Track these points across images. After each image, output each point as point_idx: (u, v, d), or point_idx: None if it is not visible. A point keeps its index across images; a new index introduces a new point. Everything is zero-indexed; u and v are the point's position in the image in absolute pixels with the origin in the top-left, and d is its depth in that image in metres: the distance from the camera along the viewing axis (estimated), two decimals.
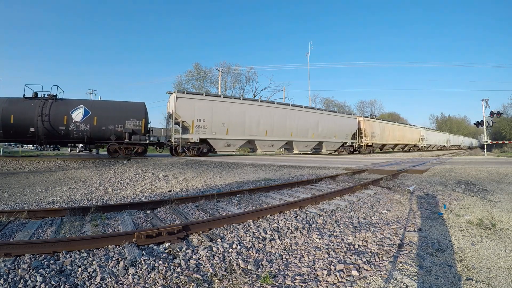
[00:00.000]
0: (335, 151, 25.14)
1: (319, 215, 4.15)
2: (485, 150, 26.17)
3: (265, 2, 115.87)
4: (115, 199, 5.86)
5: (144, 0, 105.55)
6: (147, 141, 14.38)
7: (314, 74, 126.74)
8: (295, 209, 4.38)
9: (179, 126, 16.04)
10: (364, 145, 27.17)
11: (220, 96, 17.57)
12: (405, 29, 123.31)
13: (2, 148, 14.19)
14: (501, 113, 29.62)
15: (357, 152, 27.00)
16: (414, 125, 42.40)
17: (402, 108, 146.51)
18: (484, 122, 24.70)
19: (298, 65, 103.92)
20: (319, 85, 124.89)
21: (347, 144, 25.34)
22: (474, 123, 28.57)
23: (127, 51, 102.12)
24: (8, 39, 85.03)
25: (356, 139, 26.40)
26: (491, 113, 24.48)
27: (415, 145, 38.50)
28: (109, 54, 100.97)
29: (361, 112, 68.97)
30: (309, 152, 22.78)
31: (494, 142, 37.14)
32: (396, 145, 33.81)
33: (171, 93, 16.33)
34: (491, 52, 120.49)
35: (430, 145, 43.87)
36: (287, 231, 3.45)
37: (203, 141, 16.28)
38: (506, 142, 40.13)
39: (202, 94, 16.96)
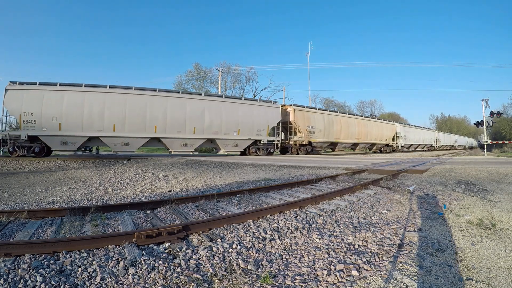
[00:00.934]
0: (241, 151, 18.60)
1: (319, 215, 4.15)
2: (485, 150, 26.17)
3: (266, 2, 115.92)
4: (115, 199, 5.86)
5: (145, 2, 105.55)
6: None
7: (314, 74, 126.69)
8: (295, 209, 4.38)
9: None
10: (295, 144, 20.36)
11: (55, 85, 14.06)
12: (405, 30, 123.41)
13: (2, 148, 14.09)
14: (501, 113, 29.68)
15: (288, 153, 20.67)
16: (386, 120, 34.94)
17: (402, 108, 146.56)
18: (484, 122, 24.71)
19: (298, 65, 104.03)
20: (319, 85, 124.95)
21: (262, 142, 18.55)
22: (474, 123, 28.60)
23: (127, 52, 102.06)
24: (8, 42, 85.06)
25: (279, 135, 19.58)
26: (491, 113, 24.50)
27: (387, 145, 31.32)
28: (110, 57, 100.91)
29: (361, 111, 68.74)
30: (191, 153, 16.96)
31: (494, 142, 37.14)
32: (356, 144, 27.28)
33: None
34: (491, 52, 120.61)
35: (411, 144, 36.91)
36: (287, 231, 3.45)
37: (35, 138, 13.75)
38: (506, 142, 40.15)
39: (35, 84, 13.93)
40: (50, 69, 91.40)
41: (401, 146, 33.66)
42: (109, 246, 2.74)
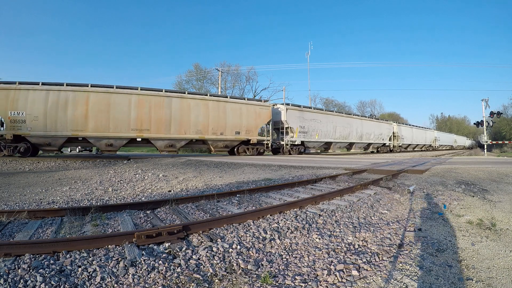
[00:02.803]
0: None
1: (319, 215, 4.15)
2: (485, 150, 26.17)
3: (266, 2, 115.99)
4: (115, 199, 5.86)
5: (145, 2, 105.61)
6: None
7: (314, 74, 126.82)
8: (295, 209, 4.37)
9: None
10: None
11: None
12: (405, 30, 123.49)
13: None
14: (501, 113, 29.71)
15: None
16: (246, 99, 19.06)
17: (402, 108, 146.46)
18: (484, 122, 24.70)
19: (298, 65, 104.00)
20: (319, 85, 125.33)
21: None
22: (474, 123, 28.60)
23: (127, 52, 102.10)
24: (8, 42, 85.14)
25: None
26: (491, 113, 24.49)
27: (246, 142, 18.32)
28: (110, 56, 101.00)
29: (362, 111, 68.53)
30: None
31: (494, 142, 37.13)
32: (142, 140, 15.54)
33: None
34: (491, 52, 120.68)
35: (330, 143, 23.29)
36: (287, 231, 3.45)
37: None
38: (506, 142, 40.14)
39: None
40: (47, 69, 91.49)
41: (294, 145, 20.08)
42: (109, 246, 2.74)
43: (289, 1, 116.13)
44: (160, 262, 2.48)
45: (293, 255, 2.83)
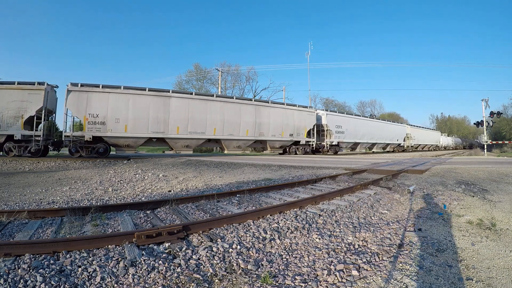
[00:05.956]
0: None
1: (319, 215, 4.15)
2: (485, 150, 26.17)
3: (266, 2, 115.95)
4: (115, 199, 5.86)
5: (147, 4, 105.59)
6: None
7: (314, 74, 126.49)
8: (295, 209, 4.37)
9: None
10: None
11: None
12: (405, 30, 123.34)
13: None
14: (501, 113, 29.76)
15: None
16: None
17: (402, 108, 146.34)
18: (484, 122, 24.70)
19: (298, 65, 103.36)
20: (319, 85, 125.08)
21: None
22: (474, 123, 28.60)
23: (129, 53, 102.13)
24: (8, 44, 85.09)
25: None
26: (491, 113, 24.50)
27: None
28: (112, 58, 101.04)
29: (361, 112, 68.50)
30: None
31: (494, 142, 37.14)
32: None
33: None
34: (491, 52, 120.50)
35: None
36: (287, 231, 3.45)
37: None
38: (506, 142, 40.12)
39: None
40: (47, 70, 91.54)
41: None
42: (109, 246, 2.74)
43: (289, 2, 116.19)
44: (160, 262, 2.48)
45: (293, 255, 2.83)
